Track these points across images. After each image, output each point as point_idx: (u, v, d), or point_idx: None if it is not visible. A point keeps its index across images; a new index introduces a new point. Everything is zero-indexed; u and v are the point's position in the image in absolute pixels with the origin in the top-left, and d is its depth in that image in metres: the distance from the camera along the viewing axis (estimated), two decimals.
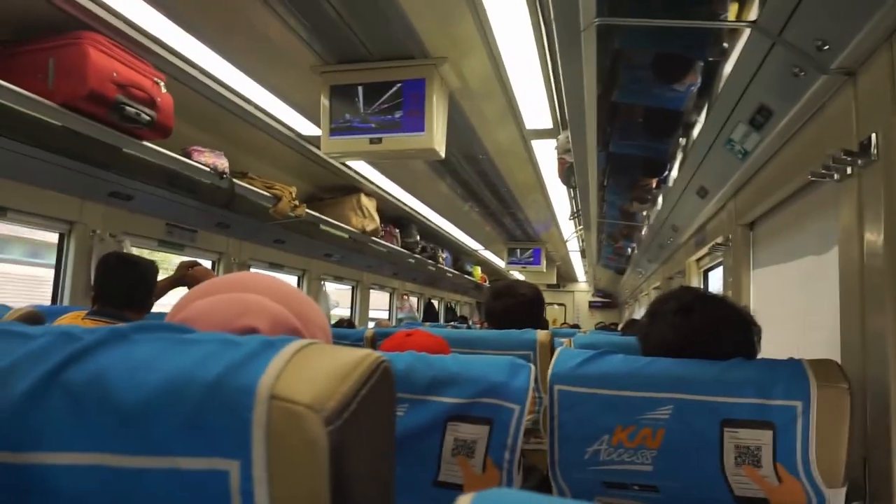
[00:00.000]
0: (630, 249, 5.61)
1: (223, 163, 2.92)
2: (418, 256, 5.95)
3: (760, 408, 0.88)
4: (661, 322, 1.08)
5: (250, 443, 0.34)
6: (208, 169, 2.80)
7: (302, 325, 0.68)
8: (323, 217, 3.93)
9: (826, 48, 1.12)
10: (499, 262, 8.88)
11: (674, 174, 2.59)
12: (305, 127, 3.20)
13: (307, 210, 3.66)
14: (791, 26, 1.17)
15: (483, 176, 4.50)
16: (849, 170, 1.14)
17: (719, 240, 2.39)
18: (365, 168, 4.01)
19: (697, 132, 2.00)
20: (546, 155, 3.82)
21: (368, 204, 4.43)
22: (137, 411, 0.36)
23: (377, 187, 4.45)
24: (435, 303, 8.61)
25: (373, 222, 4.45)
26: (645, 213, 3.92)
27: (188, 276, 2.44)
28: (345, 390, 0.35)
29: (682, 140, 2.36)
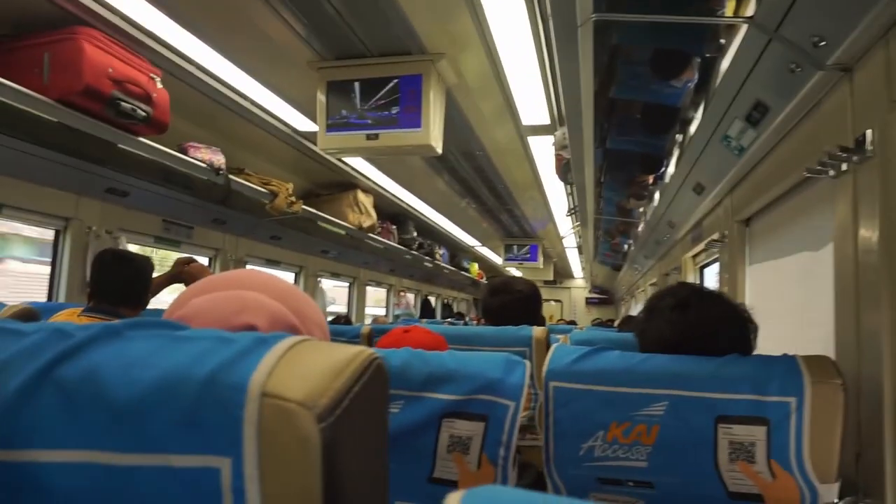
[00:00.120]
0: (627, 246, 5.62)
1: (219, 159, 2.91)
2: (415, 253, 5.95)
3: (755, 404, 0.89)
4: (658, 318, 1.08)
5: (242, 440, 0.34)
6: (204, 165, 2.79)
7: (299, 322, 0.68)
8: (320, 213, 3.93)
9: (822, 44, 1.12)
10: (496, 259, 8.89)
11: (670, 170, 2.59)
12: (302, 123, 3.19)
13: (304, 206, 3.66)
14: (787, 22, 1.17)
15: (480, 172, 4.50)
16: (844, 166, 1.14)
17: (715, 236, 2.39)
18: (362, 164, 4.00)
19: (694, 128, 2.00)
20: (543, 151, 3.82)
21: (365, 200, 4.43)
22: (130, 409, 0.36)
23: (374, 183, 4.45)
24: (432, 299, 8.62)
25: (369, 219, 4.44)
26: (641, 210, 3.93)
27: (184, 273, 2.44)
28: (337, 387, 0.35)
29: (679, 136, 2.36)
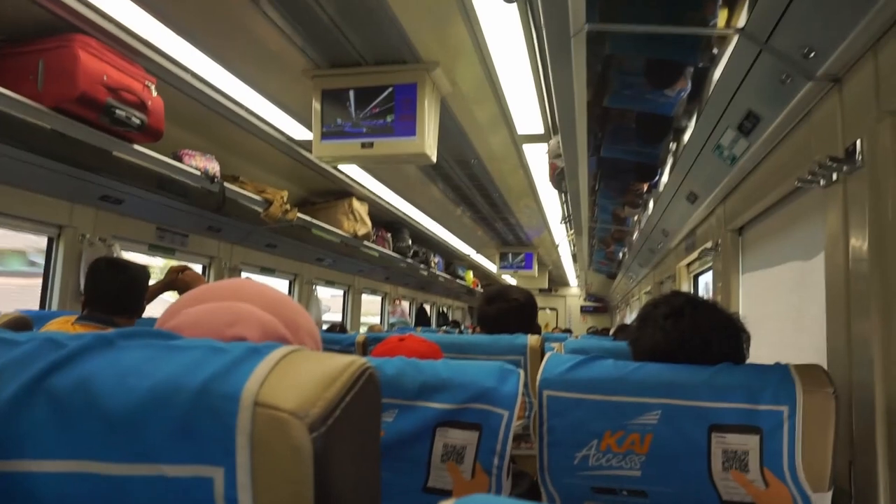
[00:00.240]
0: (621, 254, 5.63)
1: (214, 166, 2.91)
2: (410, 261, 5.95)
3: (748, 413, 0.89)
4: (652, 327, 1.08)
5: (234, 449, 0.34)
6: (199, 173, 2.79)
7: (291, 334, 0.68)
8: (314, 221, 3.93)
9: (812, 55, 1.13)
10: (491, 267, 8.89)
11: (664, 179, 2.61)
12: (297, 131, 3.20)
13: (299, 214, 3.66)
14: (778, 33, 1.19)
15: (475, 180, 4.51)
16: (834, 176, 1.15)
17: (709, 245, 2.41)
18: (357, 172, 4.01)
19: (687, 137, 2.01)
20: (537, 159, 3.83)
21: (360, 208, 4.43)
22: (123, 418, 0.36)
23: (369, 191, 4.45)
24: (427, 307, 8.61)
25: (364, 226, 4.45)
26: (636, 218, 3.94)
27: (178, 281, 2.43)
28: (329, 397, 0.35)
29: (673, 145, 2.38)
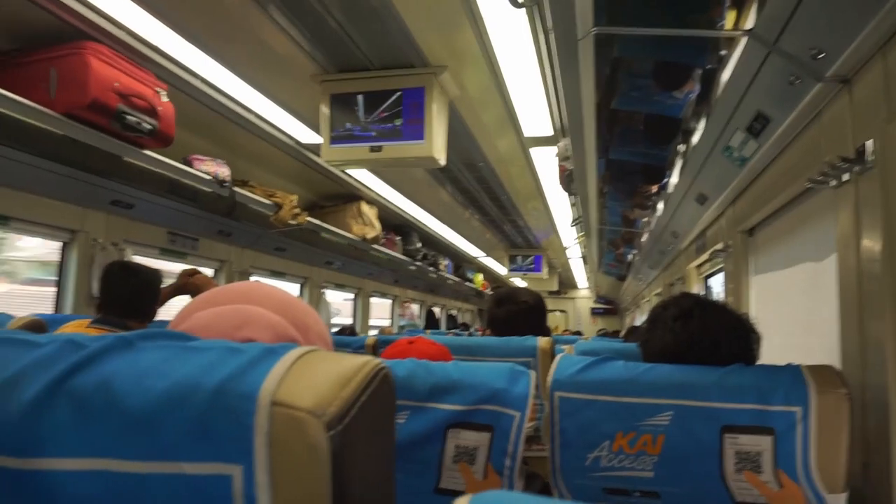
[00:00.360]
0: (631, 256, 5.62)
1: (224, 171, 2.93)
2: (419, 264, 5.95)
3: (760, 414, 0.89)
4: (661, 328, 1.08)
5: (252, 448, 0.35)
6: (209, 177, 2.81)
7: (301, 336, 0.69)
8: (324, 225, 3.94)
9: (821, 56, 1.13)
10: (500, 270, 8.89)
11: (673, 181, 2.60)
12: (306, 135, 3.21)
13: (308, 218, 3.67)
14: (787, 35, 1.18)
15: (483, 183, 4.52)
16: (845, 176, 1.14)
17: (719, 246, 2.40)
18: (365, 176, 4.03)
19: (696, 139, 2.01)
20: (546, 162, 3.84)
21: (369, 212, 4.45)
22: (143, 417, 0.36)
23: (378, 195, 4.47)
24: (436, 310, 8.61)
25: (374, 230, 4.46)
26: (645, 220, 3.93)
27: (189, 284, 2.45)
28: (345, 396, 0.36)
29: (682, 147, 2.37)
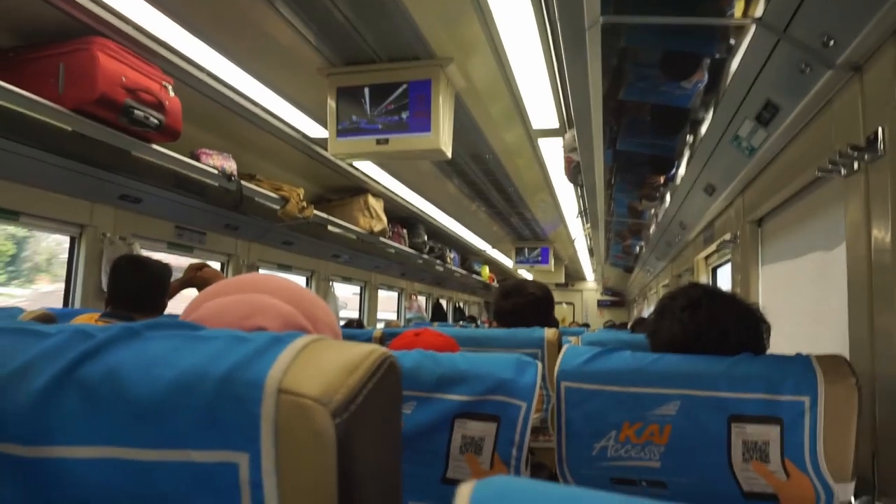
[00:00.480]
0: (638, 247, 5.60)
1: (231, 165, 2.94)
2: (426, 256, 5.96)
3: (768, 403, 0.88)
4: (669, 318, 1.08)
5: (259, 436, 0.35)
6: (216, 171, 2.82)
7: (311, 325, 0.69)
8: (331, 218, 3.95)
9: (832, 43, 1.12)
10: (507, 262, 8.88)
11: (681, 171, 2.58)
12: (312, 129, 3.22)
13: (315, 211, 3.68)
14: (796, 22, 1.17)
15: (490, 175, 4.51)
16: (856, 165, 1.13)
17: (727, 237, 2.39)
18: (372, 169, 4.03)
19: (704, 129, 1.99)
20: (553, 154, 3.82)
21: (376, 204, 4.45)
22: (151, 406, 0.37)
23: (384, 188, 4.47)
24: (443, 303, 8.62)
25: (380, 223, 4.46)
26: (653, 211, 3.91)
27: (197, 278, 2.46)
28: (352, 383, 0.36)
29: (690, 137, 2.36)
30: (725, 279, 2.96)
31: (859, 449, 0.85)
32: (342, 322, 4.73)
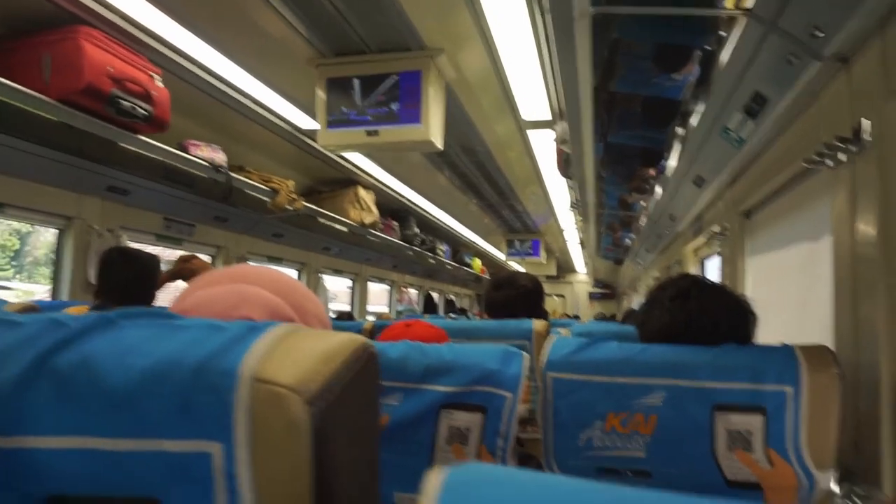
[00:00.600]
0: (629, 240, 5.61)
1: (220, 157, 2.92)
2: (417, 249, 5.95)
3: (752, 393, 0.89)
4: (658, 309, 1.08)
5: (233, 425, 0.35)
6: (205, 163, 2.80)
7: (298, 317, 0.68)
8: (321, 210, 3.93)
9: (820, 35, 1.12)
10: (498, 254, 8.89)
11: (671, 164, 2.59)
12: (302, 120, 3.20)
13: (305, 203, 3.66)
14: (786, 14, 1.17)
15: (481, 167, 4.50)
16: (842, 157, 1.14)
17: (716, 228, 2.40)
18: (363, 161, 4.01)
19: (695, 121, 2.00)
20: (544, 146, 3.82)
21: (366, 197, 4.43)
22: (124, 395, 0.36)
23: (375, 180, 4.45)
24: (434, 295, 8.62)
25: (371, 215, 4.45)
26: (643, 204, 3.92)
27: (185, 270, 2.44)
28: (328, 372, 0.36)
29: (680, 129, 2.36)
30: (714, 271, 2.97)
31: (841, 437, 0.85)
32: (333, 315, 4.72)
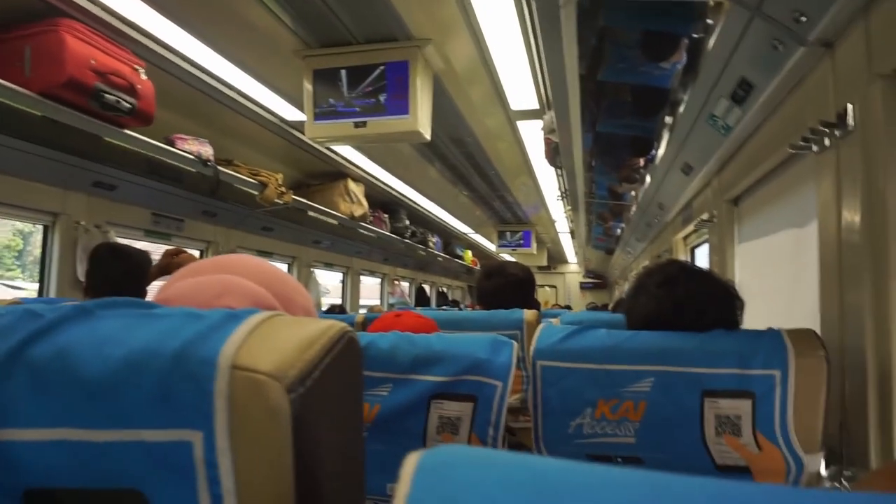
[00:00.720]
0: (619, 229, 5.63)
1: (207, 150, 2.89)
2: (408, 241, 5.94)
3: (740, 378, 0.89)
4: (645, 295, 1.08)
5: (213, 413, 0.34)
6: (192, 157, 2.77)
7: (283, 307, 0.68)
8: (310, 203, 3.91)
9: (804, 20, 1.12)
10: (489, 246, 8.89)
11: (660, 152, 2.59)
12: (290, 112, 3.17)
13: (294, 197, 3.64)
14: None
15: (470, 158, 4.49)
16: (827, 141, 1.14)
17: (705, 216, 2.40)
18: (352, 153, 3.99)
19: (682, 109, 2.00)
20: (533, 136, 3.81)
21: (356, 189, 4.41)
22: (102, 386, 0.36)
23: (364, 172, 4.43)
24: (426, 287, 8.62)
25: (361, 208, 4.43)
26: (633, 193, 3.93)
27: (173, 265, 2.42)
28: (307, 359, 0.35)
29: (668, 118, 2.36)
30: (704, 259, 2.99)
31: (828, 421, 0.86)
32: (325, 308, 4.71)
